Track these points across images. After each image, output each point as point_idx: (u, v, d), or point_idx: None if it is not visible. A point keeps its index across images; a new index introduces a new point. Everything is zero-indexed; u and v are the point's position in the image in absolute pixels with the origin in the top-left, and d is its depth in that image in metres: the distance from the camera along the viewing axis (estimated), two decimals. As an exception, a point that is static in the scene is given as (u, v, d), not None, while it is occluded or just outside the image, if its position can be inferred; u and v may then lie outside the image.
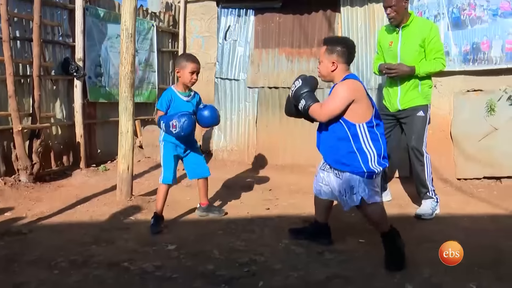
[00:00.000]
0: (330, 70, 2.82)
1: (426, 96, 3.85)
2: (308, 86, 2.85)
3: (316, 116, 2.81)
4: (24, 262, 2.70)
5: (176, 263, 2.74)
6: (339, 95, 2.73)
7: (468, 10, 4.72)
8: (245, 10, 5.99)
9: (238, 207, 4.14)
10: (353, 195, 2.76)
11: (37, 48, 4.89)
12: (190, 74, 3.41)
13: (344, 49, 2.81)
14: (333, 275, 2.59)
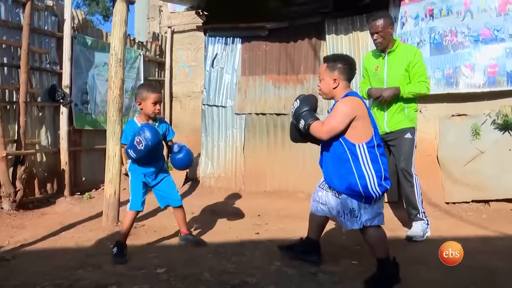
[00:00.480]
0: (332, 88, 2.82)
1: (412, 119, 3.94)
2: (307, 105, 2.85)
3: (317, 134, 2.79)
4: (8, 287, 2.61)
5: (166, 286, 2.68)
6: (340, 111, 2.71)
7: (450, 37, 4.90)
8: (232, 38, 6.11)
9: (227, 232, 4.09)
10: (353, 218, 2.72)
11: (24, 75, 4.89)
12: (153, 105, 3.31)
13: (345, 66, 2.83)
14: (327, 295, 2.57)
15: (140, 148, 3.12)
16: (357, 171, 2.69)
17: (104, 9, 20.39)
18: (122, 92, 4.11)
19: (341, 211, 2.80)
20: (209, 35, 6.21)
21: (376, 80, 4.02)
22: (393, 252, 3.36)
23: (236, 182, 6.07)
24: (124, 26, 4.04)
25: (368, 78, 4.11)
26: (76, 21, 6.01)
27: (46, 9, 5.49)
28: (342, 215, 2.79)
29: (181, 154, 3.41)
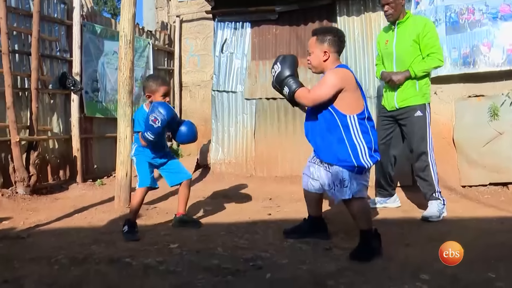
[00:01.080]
0: (322, 60, 2.80)
1: (424, 94, 3.85)
2: (289, 69, 2.78)
3: (302, 101, 2.78)
4: (24, 260, 2.66)
5: (179, 259, 2.69)
6: (328, 81, 2.70)
7: (467, 15, 4.81)
8: (241, 23, 6.10)
9: (239, 214, 4.10)
10: (343, 188, 2.72)
11: (36, 62, 4.96)
12: (162, 97, 3.31)
13: (335, 37, 2.81)
14: (344, 268, 2.54)
15: (158, 125, 3.11)
16: (349, 142, 2.72)
17: (112, 8, 20.51)
18: (132, 74, 4.14)
19: (331, 183, 2.79)
20: (218, 20, 6.21)
21: (386, 55, 3.97)
22: (409, 231, 3.38)
23: (247, 168, 6.07)
24: (133, 7, 4.07)
25: (381, 55, 4.07)
26: (85, 9, 6.06)
27: (55, -4, 5.55)
28: (332, 187, 2.79)
29: (184, 126, 3.40)
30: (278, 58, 2.88)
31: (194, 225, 3.56)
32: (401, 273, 2.46)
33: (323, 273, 2.47)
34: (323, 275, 2.44)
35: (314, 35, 2.86)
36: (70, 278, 2.36)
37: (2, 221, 3.75)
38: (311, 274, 2.47)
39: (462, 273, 2.44)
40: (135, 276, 2.41)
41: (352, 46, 5.50)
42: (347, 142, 2.72)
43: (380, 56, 4.11)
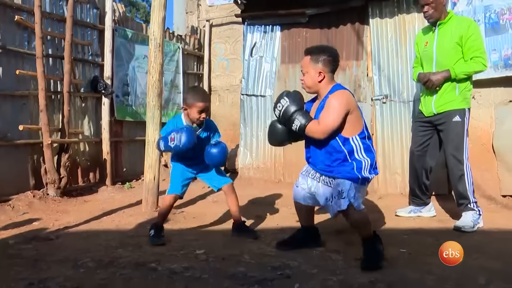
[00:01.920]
0: (317, 81, 2.74)
1: (464, 99, 3.68)
2: (296, 104, 2.71)
3: (314, 135, 2.69)
4: (51, 262, 2.67)
5: (205, 265, 2.65)
6: (335, 107, 2.62)
7: (508, 15, 4.60)
8: (271, 26, 6.05)
9: (267, 220, 4.04)
10: (340, 199, 2.65)
11: (68, 66, 5.04)
12: (198, 113, 3.18)
13: (330, 58, 2.75)
14: (376, 279, 2.43)
15: (170, 145, 3.05)
16: (354, 160, 2.71)
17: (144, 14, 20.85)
18: (161, 77, 4.14)
19: (330, 195, 2.73)
20: (247, 24, 6.18)
21: (425, 57, 3.80)
22: (445, 242, 3.22)
23: (276, 173, 5.99)
24: (163, 10, 4.07)
25: (420, 57, 3.91)
26: (117, 14, 6.14)
27: (87, 1, 5.64)
28: (330, 199, 2.73)
29: (217, 148, 3.26)
30: (282, 94, 2.81)
31: (252, 235, 3.37)
32: (439, 287, 2.32)
33: (355, 285, 2.36)
34: (355, 287, 2.33)
35: (307, 54, 2.80)
36: (95, 282, 2.33)
37: (32, 222, 3.81)
38: (342, 285, 2.36)
39: (505, 288, 2.29)
40: (160, 282, 2.36)
41: (385, 49, 5.36)
42: (351, 161, 2.72)
43: (418, 58, 3.96)
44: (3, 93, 4.46)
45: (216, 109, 8.03)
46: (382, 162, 5.31)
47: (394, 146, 5.30)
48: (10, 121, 4.52)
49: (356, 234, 3.36)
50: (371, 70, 5.46)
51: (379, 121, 5.35)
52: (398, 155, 5.27)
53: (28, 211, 4.14)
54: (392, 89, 5.32)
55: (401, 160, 5.24)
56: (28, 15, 4.71)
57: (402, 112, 5.26)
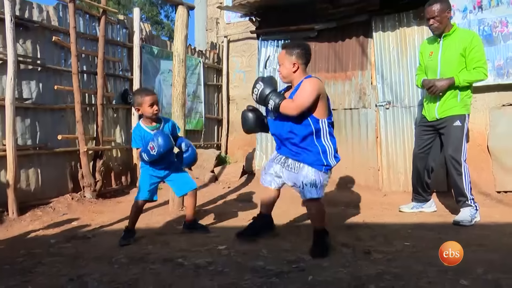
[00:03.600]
0: (292, 71, 2.81)
1: (464, 105, 3.63)
2: (270, 86, 2.80)
3: (288, 111, 2.72)
4: (88, 259, 2.70)
5: (226, 260, 2.65)
6: (308, 89, 2.71)
7: (500, 27, 4.54)
8: (283, 40, 6.03)
9: (282, 216, 4.00)
10: (313, 188, 2.75)
11: (101, 80, 5.11)
12: (150, 107, 3.10)
13: (303, 51, 2.83)
14: (383, 271, 2.40)
15: (153, 153, 3.01)
16: (319, 143, 2.78)
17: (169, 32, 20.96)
18: (184, 89, 4.17)
19: (300, 182, 2.79)
20: (261, 39, 6.19)
21: (430, 66, 3.74)
22: (446, 236, 3.16)
23: (289, 174, 5.96)
24: (185, 29, 4.10)
25: (424, 65, 3.85)
26: (144, 33, 6.21)
27: (118, 22, 5.71)
28: (301, 185, 2.79)
29: (188, 152, 3.28)
30: (257, 79, 2.89)
31: (203, 231, 3.41)
32: (440, 278, 2.28)
33: (363, 276, 2.34)
34: (364, 278, 2.31)
35: (283, 49, 2.89)
36: (128, 277, 2.35)
37: (71, 222, 3.86)
38: (352, 277, 2.34)
39: (504, 278, 2.24)
40: (186, 276, 2.37)
41: (388, 59, 5.30)
42: (318, 144, 2.78)
43: (422, 66, 3.90)
44: (43, 106, 4.54)
45: (233, 116, 8.04)
46: (386, 162, 5.25)
47: (397, 148, 5.24)
48: (50, 131, 4.59)
49: (364, 229, 3.36)
50: (375, 79, 5.40)
51: (382, 125, 5.30)
52: (401, 156, 5.20)
53: (67, 212, 4.20)
54: (394, 96, 5.26)
55: (403, 161, 5.17)
56: (64, 35, 4.80)
57: (404, 116, 5.20)
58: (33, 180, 4.41)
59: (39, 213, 4.09)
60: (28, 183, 4.36)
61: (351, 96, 5.57)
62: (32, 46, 4.46)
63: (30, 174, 4.39)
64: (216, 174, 6.24)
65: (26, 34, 4.38)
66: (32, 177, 4.40)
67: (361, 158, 5.51)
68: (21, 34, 4.31)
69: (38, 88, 4.51)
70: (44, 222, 3.83)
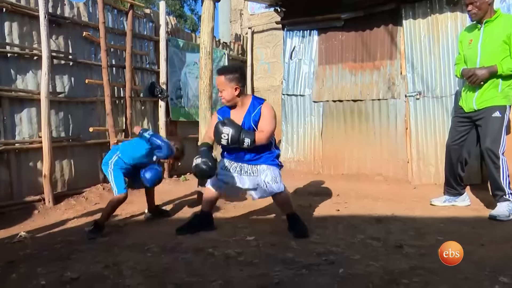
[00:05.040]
0: (235, 95, 3.03)
1: (506, 96, 3.44)
2: (238, 128, 2.93)
3: (262, 142, 2.98)
4: (122, 247, 2.78)
5: (256, 251, 2.66)
6: (271, 116, 3.04)
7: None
8: (309, 31, 5.98)
9: (309, 209, 4.00)
10: (277, 183, 3.02)
11: (129, 74, 5.20)
12: None
13: (241, 75, 3.06)
14: (417, 266, 2.36)
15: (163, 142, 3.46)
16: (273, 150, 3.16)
17: (192, 25, 21.07)
18: (211, 81, 4.19)
19: (262, 182, 3.02)
20: (287, 30, 6.14)
21: (469, 55, 3.57)
22: (482, 231, 3.08)
23: (315, 166, 5.94)
24: (211, 21, 4.11)
25: (463, 55, 3.69)
26: (170, 26, 6.25)
27: (144, 16, 5.78)
28: (263, 184, 3.01)
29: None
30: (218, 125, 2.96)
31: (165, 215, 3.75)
32: (478, 275, 2.22)
33: (396, 270, 2.30)
34: (396, 272, 2.27)
35: (221, 75, 3.04)
36: (161, 265, 2.40)
37: (103, 211, 3.96)
38: (384, 270, 2.30)
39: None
40: (217, 265, 2.40)
41: (418, 48, 5.17)
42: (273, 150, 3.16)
43: (461, 55, 3.73)
44: (75, 99, 4.66)
45: (258, 108, 8.05)
46: (416, 154, 5.14)
47: (428, 139, 5.12)
48: (81, 124, 4.72)
49: (394, 223, 3.32)
50: (405, 68, 5.29)
51: (412, 116, 5.19)
52: (432, 147, 5.09)
53: (99, 202, 4.32)
54: (425, 85, 5.13)
55: (434, 152, 5.06)
56: (94, 30, 4.89)
57: (436, 107, 5.07)
58: (67, 170, 4.55)
59: (72, 202, 4.23)
60: (63, 174, 4.50)
61: (379, 87, 5.47)
62: (64, 41, 4.57)
63: (64, 165, 4.54)
64: (242, 166, 6.27)
65: (58, 30, 4.50)
66: (66, 168, 4.55)
67: (390, 150, 5.43)
68: (54, 30, 4.42)
69: (70, 82, 4.63)
70: (78, 211, 3.96)
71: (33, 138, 4.18)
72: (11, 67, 4.03)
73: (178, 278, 2.17)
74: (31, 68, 4.19)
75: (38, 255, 2.62)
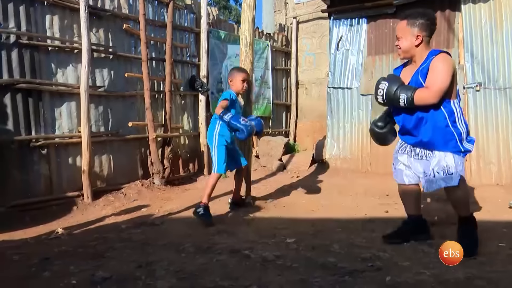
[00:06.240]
0: (414, 45, 2.54)
1: None
2: (396, 82, 2.53)
3: (426, 101, 2.46)
4: (157, 246, 2.78)
5: (295, 254, 2.57)
6: (443, 69, 2.44)
7: None
8: (357, 19, 5.76)
9: (355, 209, 3.86)
10: (448, 175, 2.50)
11: (169, 67, 5.25)
12: (242, 82, 3.66)
13: (428, 21, 2.54)
14: (474, 275, 2.17)
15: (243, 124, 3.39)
16: (454, 128, 2.51)
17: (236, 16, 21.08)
18: (251, 74, 4.11)
19: (432, 170, 2.54)
20: (333, 18, 5.95)
21: None
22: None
23: (363, 163, 5.74)
24: (252, 11, 4.04)
25: None
26: (211, 17, 6.26)
27: (185, 7, 5.81)
28: (430, 173, 2.54)
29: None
30: (379, 80, 2.63)
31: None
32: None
33: (451, 280, 2.13)
34: (451, 282, 2.10)
35: (404, 19, 2.59)
36: (195, 266, 2.37)
37: (141, 208, 4.03)
38: (436, 280, 2.14)
39: None
40: (253, 269, 2.34)
41: (479, 34, 4.84)
42: (453, 128, 2.51)
43: None
44: (115, 94, 4.77)
45: (303, 102, 7.92)
46: (476, 151, 4.81)
47: (489, 135, 4.79)
48: (121, 118, 4.82)
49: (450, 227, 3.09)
50: (463, 58, 4.96)
51: (472, 110, 4.86)
52: (494, 144, 4.75)
53: (137, 198, 4.40)
54: (486, 76, 4.79)
55: (496, 150, 4.72)
56: (134, 23, 4.97)
57: (498, 99, 4.73)
58: (105, 166, 4.67)
59: (111, 198, 4.33)
60: (101, 169, 4.63)
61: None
62: (104, 34, 4.68)
63: (103, 160, 4.66)
64: (284, 163, 6.18)
65: (98, 23, 4.61)
66: (105, 163, 4.67)
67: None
68: (94, 23, 4.54)
69: (110, 76, 4.73)
70: (116, 208, 4.05)
71: (72, 132, 4.32)
72: (52, 61, 4.17)
73: (211, 281, 2.13)
74: (71, 62, 4.32)
75: (73, 252, 2.68)
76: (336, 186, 4.91)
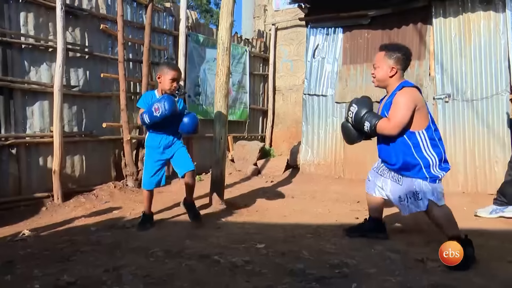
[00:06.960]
0: (388, 76, 2.68)
1: None
2: (365, 107, 2.69)
3: (386, 131, 2.62)
4: (126, 250, 2.71)
5: (265, 260, 2.55)
6: (403, 104, 2.56)
7: None
8: (333, 28, 5.82)
9: (326, 215, 3.87)
10: (417, 201, 2.61)
11: (146, 69, 5.17)
12: (171, 81, 3.21)
13: (404, 56, 2.68)
14: (437, 283, 2.20)
15: (156, 114, 3.04)
16: (420, 157, 2.59)
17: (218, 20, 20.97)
18: (228, 79, 4.09)
19: (403, 195, 2.68)
20: (310, 27, 6.00)
21: None
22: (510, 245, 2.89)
23: (336, 170, 5.78)
24: (230, 17, 4.01)
25: None
26: (190, 21, 6.21)
27: (164, 10, 5.75)
28: (404, 199, 2.68)
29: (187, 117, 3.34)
30: (352, 102, 2.80)
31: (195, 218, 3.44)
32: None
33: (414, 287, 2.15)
34: (415, 290, 2.13)
35: (382, 50, 2.74)
36: (163, 271, 2.32)
37: (113, 210, 3.94)
38: (402, 286, 2.16)
39: None
40: (222, 274, 2.30)
41: (449, 48, 4.95)
42: (418, 157, 2.60)
43: None
44: (90, 94, 4.66)
45: (279, 107, 7.94)
46: (443, 161, 4.92)
47: (457, 145, 4.90)
48: (95, 119, 4.71)
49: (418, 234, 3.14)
50: (434, 69, 5.07)
51: (440, 120, 4.97)
52: (460, 154, 4.87)
53: (110, 200, 4.30)
54: (455, 88, 4.91)
55: (463, 159, 4.84)
56: (112, 23, 4.88)
57: (465, 111, 4.85)
58: (78, 167, 4.55)
59: (82, 200, 4.21)
60: (73, 170, 4.50)
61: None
62: (81, 34, 4.57)
63: (76, 161, 4.54)
64: (259, 167, 6.17)
65: (75, 22, 4.50)
66: (77, 164, 4.55)
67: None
68: (71, 22, 4.43)
69: (85, 76, 4.62)
70: (87, 210, 3.94)
71: (44, 132, 4.19)
72: (25, 59, 4.04)
73: (178, 287, 2.08)
74: (45, 60, 4.20)
75: (39, 255, 2.58)
76: (309, 192, 4.93)
